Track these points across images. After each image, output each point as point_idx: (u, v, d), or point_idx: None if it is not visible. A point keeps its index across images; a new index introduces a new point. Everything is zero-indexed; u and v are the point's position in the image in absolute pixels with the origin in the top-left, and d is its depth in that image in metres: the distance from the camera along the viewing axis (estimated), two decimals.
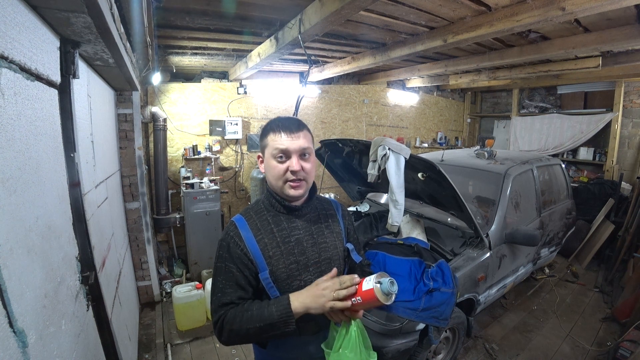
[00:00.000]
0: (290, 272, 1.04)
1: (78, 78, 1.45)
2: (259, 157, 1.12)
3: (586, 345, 2.84)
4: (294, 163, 1.00)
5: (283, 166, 1.01)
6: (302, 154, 1.02)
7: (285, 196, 1.05)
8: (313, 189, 1.13)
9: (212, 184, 3.89)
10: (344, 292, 0.90)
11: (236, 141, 4.45)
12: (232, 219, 1.09)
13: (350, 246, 1.19)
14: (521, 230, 2.64)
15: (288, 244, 1.05)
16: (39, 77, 1.06)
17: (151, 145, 3.80)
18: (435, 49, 2.78)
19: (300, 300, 0.93)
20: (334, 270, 0.98)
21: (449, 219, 2.90)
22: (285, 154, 1.00)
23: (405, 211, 2.88)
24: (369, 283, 0.92)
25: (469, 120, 7.25)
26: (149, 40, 2.02)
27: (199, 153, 4.17)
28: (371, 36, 2.92)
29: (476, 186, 3.33)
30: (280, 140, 1.00)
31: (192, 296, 2.95)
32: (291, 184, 1.02)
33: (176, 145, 4.12)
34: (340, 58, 3.80)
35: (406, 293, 2.02)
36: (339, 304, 0.90)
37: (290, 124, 1.02)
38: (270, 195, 1.09)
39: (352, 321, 0.98)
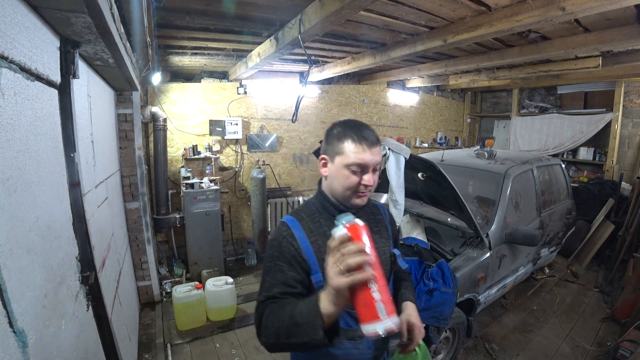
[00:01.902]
0: None
1: (78, 78, 1.45)
2: (322, 159, 1.06)
3: (586, 345, 2.84)
4: (370, 178, 0.98)
5: (357, 178, 0.98)
6: (374, 168, 1.01)
7: (349, 204, 1.04)
8: None
9: (212, 184, 3.89)
10: (350, 261, 0.69)
11: (236, 141, 4.45)
12: (282, 219, 1.06)
13: (397, 252, 1.19)
14: (521, 230, 2.64)
15: None
16: (39, 77, 1.06)
17: (151, 145, 3.80)
18: (435, 49, 2.78)
19: (323, 296, 0.76)
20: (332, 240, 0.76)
21: (449, 219, 2.90)
22: (362, 168, 0.98)
23: (405, 211, 2.89)
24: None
25: (469, 120, 7.24)
26: (149, 40, 2.02)
27: (199, 153, 4.17)
28: (371, 36, 2.92)
29: (476, 186, 3.33)
30: (362, 154, 0.96)
31: (192, 296, 2.96)
32: (359, 194, 1.01)
33: (176, 145, 4.12)
34: (340, 58, 3.79)
35: None
36: (343, 280, 0.69)
37: (372, 137, 0.99)
38: (324, 199, 1.07)
39: (417, 348, 0.97)
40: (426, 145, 6.36)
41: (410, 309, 1.10)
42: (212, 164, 4.26)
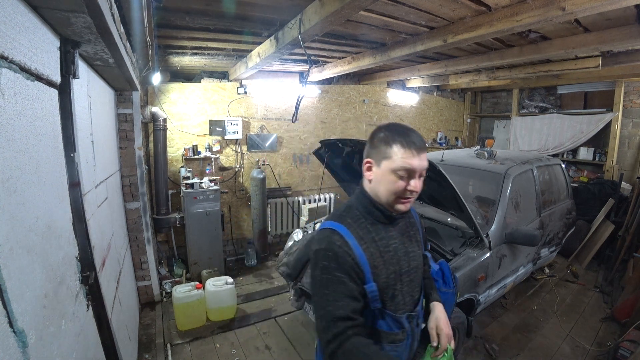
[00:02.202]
0: (389, 281, 1.03)
1: (78, 78, 1.45)
2: (367, 162, 1.03)
3: (586, 345, 2.84)
4: (416, 183, 0.97)
5: (403, 184, 0.96)
6: (421, 173, 0.99)
7: (392, 210, 1.02)
8: None
9: (212, 184, 3.89)
10: None
11: (236, 141, 4.45)
12: (330, 227, 1.01)
13: (428, 254, 1.21)
14: (521, 230, 2.64)
15: (387, 253, 1.03)
16: (39, 77, 1.06)
17: (151, 145, 3.80)
18: (435, 49, 2.78)
19: None
20: None
21: (449, 219, 2.90)
22: (409, 173, 0.96)
23: None
24: None
25: (469, 120, 7.24)
26: (149, 40, 2.02)
27: (199, 153, 4.17)
28: (371, 36, 2.92)
29: (476, 186, 3.33)
30: (411, 160, 0.94)
31: (192, 296, 2.95)
32: (402, 200, 0.99)
33: (176, 145, 4.12)
34: (340, 58, 3.80)
35: None
36: None
37: (421, 142, 0.97)
38: (371, 203, 1.04)
39: (445, 353, 1.02)
40: (426, 145, 6.36)
41: (438, 312, 1.14)
42: (212, 164, 4.26)
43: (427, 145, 1.01)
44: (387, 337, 1.04)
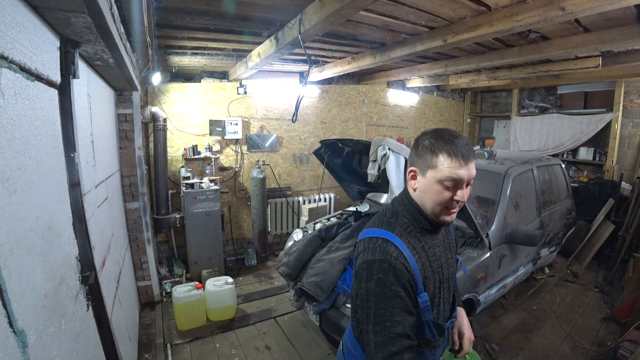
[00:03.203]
0: (435, 290, 1.02)
1: (78, 78, 1.45)
2: (411, 171, 1.00)
3: (586, 345, 2.84)
4: (463, 194, 0.93)
5: (450, 194, 0.93)
6: (468, 182, 0.95)
7: (438, 220, 1.00)
8: None
9: (212, 184, 3.89)
10: None
11: (236, 141, 4.45)
12: (382, 235, 0.98)
13: (459, 258, 1.21)
14: (521, 230, 2.64)
15: (434, 262, 1.02)
16: (39, 77, 1.06)
17: (151, 145, 3.80)
18: (435, 49, 2.78)
19: None
20: None
21: None
22: (456, 183, 0.92)
23: None
24: None
25: (469, 120, 7.24)
26: (149, 40, 2.02)
27: (199, 153, 4.17)
28: (371, 36, 2.92)
29: (476, 186, 3.33)
30: (458, 170, 0.91)
31: (192, 296, 2.95)
32: (450, 210, 0.97)
33: (176, 145, 4.12)
34: (340, 58, 3.79)
35: None
36: None
37: (468, 150, 0.93)
38: (418, 211, 1.01)
39: (467, 356, 1.07)
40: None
41: (461, 316, 1.18)
42: (212, 164, 4.26)
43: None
44: (429, 344, 1.05)
